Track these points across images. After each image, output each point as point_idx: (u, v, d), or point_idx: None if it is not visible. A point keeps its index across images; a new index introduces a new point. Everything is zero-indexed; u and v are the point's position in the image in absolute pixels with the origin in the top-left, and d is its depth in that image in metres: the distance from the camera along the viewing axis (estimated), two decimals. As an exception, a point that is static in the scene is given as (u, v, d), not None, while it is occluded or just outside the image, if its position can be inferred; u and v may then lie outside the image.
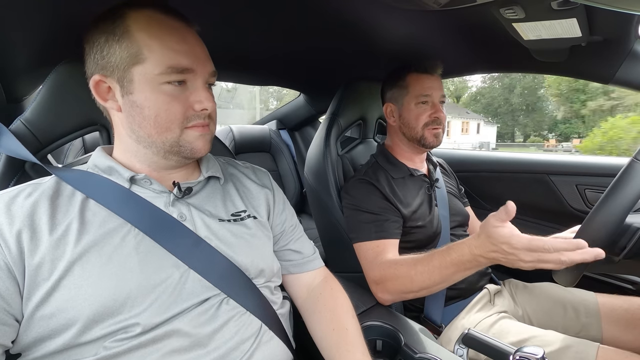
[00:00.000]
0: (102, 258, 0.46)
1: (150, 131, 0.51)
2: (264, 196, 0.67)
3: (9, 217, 0.45)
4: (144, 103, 0.50)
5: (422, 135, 0.98)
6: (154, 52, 0.48)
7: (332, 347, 0.60)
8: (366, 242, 0.89)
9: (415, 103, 0.98)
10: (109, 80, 0.51)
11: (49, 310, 0.43)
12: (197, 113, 0.52)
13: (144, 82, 0.49)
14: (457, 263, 0.71)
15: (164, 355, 0.46)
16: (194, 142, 0.53)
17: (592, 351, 0.70)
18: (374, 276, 0.84)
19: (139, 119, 0.51)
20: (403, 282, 0.78)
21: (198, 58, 0.52)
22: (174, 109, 0.50)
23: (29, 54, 0.82)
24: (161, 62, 0.49)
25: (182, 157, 0.55)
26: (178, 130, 0.52)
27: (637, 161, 0.59)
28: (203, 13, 0.77)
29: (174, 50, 0.49)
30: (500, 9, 0.67)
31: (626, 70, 0.87)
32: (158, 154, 0.54)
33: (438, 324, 0.90)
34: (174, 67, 0.49)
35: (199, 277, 0.52)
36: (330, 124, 1.11)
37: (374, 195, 0.93)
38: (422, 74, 0.99)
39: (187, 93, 0.52)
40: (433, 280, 0.74)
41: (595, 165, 1.21)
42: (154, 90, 0.49)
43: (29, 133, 0.64)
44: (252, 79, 1.63)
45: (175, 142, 0.52)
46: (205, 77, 0.53)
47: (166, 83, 0.49)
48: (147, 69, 0.49)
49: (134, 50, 0.48)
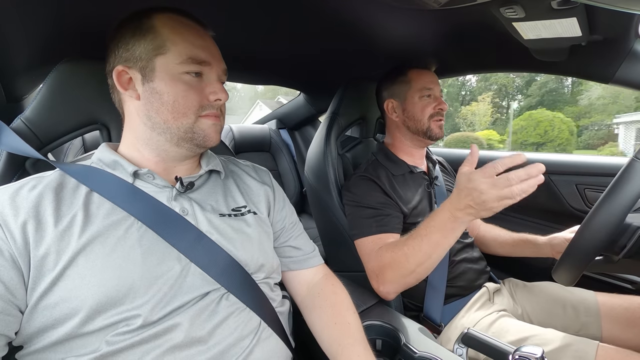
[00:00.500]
0: (105, 249, 0.47)
1: (167, 116, 0.54)
2: (264, 193, 0.68)
3: (14, 208, 0.46)
4: (163, 89, 0.54)
5: (428, 127, 1.00)
6: (176, 45, 0.54)
7: (333, 341, 0.60)
8: (367, 237, 0.89)
9: (419, 96, 1.00)
10: (131, 71, 0.55)
11: (53, 299, 0.44)
12: (211, 103, 0.57)
13: (164, 71, 0.54)
14: (439, 225, 0.74)
15: (164, 352, 0.47)
16: (206, 130, 0.57)
17: (591, 350, 0.70)
18: (372, 267, 0.84)
19: (157, 105, 0.54)
20: (399, 263, 0.79)
21: (213, 54, 0.58)
22: (191, 97, 0.55)
23: (29, 53, 0.82)
24: (182, 53, 0.54)
25: (194, 145, 0.57)
26: (193, 116, 0.55)
27: (637, 160, 0.59)
28: (207, 14, 0.77)
29: (193, 45, 0.55)
30: (500, 8, 0.67)
31: (626, 70, 0.87)
32: (171, 140, 0.56)
33: (437, 323, 0.90)
34: (193, 59, 0.54)
35: (199, 270, 0.52)
36: (330, 123, 1.11)
37: (374, 191, 0.94)
38: (422, 69, 1.03)
39: (203, 85, 0.56)
40: (424, 251, 0.76)
41: (595, 165, 1.21)
42: (174, 79, 0.54)
43: (29, 132, 0.64)
44: (252, 78, 1.64)
45: (189, 128, 0.56)
46: (219, 73, 0.59)
47: (185, 73, 0.54)
48: (169, 59, 0.54)
49: (158, 43, 0.53)
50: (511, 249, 1.06)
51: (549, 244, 0.94)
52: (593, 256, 0.64)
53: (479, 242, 1.14)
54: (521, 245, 1.02)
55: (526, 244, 1.01)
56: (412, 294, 0.89)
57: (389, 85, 1.06)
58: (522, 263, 1.14)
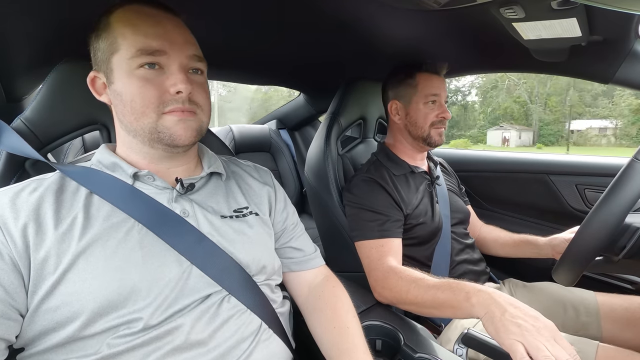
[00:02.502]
0: (106, 252, 0.47)
1: (130, 118, 0.51)
2: (266, 193, 0.68)
3: (14, 211, 0.45)
4: (121, 89, 0.51)
5: (428, 134, 0.99)
6: (127, 39, 0.50)
7: (332, 345, 0.60)
8: (369, 241, 0.88)
9: (424, 102, 0.99)
10: (100, 75, 0.53)
11: (54, 303, 0.43)
12: (174, 97, 0.51)
13: (120, 70, 0.50)
14: (454, 302, 0.66)
15: (164, 354, 0.46)
16: (172, 128, 0.51)
17: (591, 350, 0.70)
18: (376, 276, 0.83)
19: (120, 107, 0.52)
20: (401, 293, 0.76)
21: (172, 41, 0.51)
22: (148, 93, 0.50)
23: (29, 53, 0.82)
24: (131, 46, 0.49)
25: (165, 145, 0.53)
26: (154, 115, 0.51)
27: (637, 161, 0.59)
28: (204, 10, 0.77)
29: (144, 34, 0.50)
30: (500, 8, 0.67)
31: (626, 70, 0.87)
32: (144, 142, 0.54)
33: (438, 323, 0.90)
34: (143, 50, 0.49)
35: (201, 273, 0.52)
36: (330, 123, 1.11)
37: (379, 194, 0.93)
38: (432, 74, 1.01)
39: (163, 77, 0.51)
40: (427, 306, 0.71)
41: (595, 165, 1.21)
42: (129, 76, 0.50)
43: (29, 132, 0.64)
44: (252, 78, 1.63)
45: (153, 128, 0.51)
46: (183, 61, 0.52)
47: (139, 67, 0.50)
48: (122, 56, 0.50)
49: (110, 40, 0.50)
50: (512, 250, 1.06)
51: (550, 245, 0.94)
52: (593, 257, 0.64)
53: (480, 243, 1.14)
54: (522, 246, 1.03)
55: (527, 245, 1.01)
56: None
57: (396, 85, 1.04)
58: (522, 263, 1.14)
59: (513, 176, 1.38)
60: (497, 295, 0.61)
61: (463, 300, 0.64)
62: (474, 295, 0.62)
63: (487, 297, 0.61)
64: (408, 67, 1.03)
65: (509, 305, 0.58)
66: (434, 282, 0.71)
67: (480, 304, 0.61)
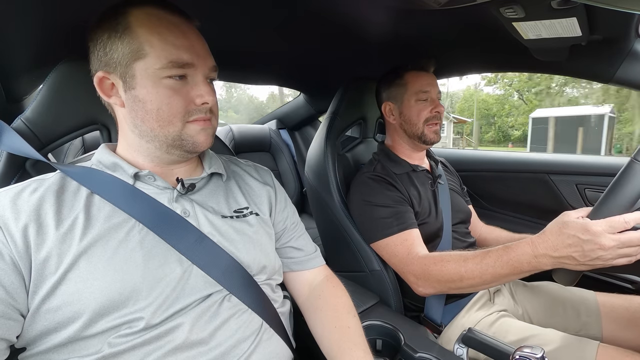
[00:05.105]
0: (107, 252, 0.47)
1: (153, 125, 0.52)
2: (266, 193, 0.68)
3: (15, 211, 0.45)
4: (146, 97, 0.50)
5: (422, 132, 1.00)
6: (155, 48, 0.49)
7: (333, 345, 0.60)
8: (391, 237, 0.87)
9: (415, 100, 1.00)
10: (112, 77, 0.52)
11: (55, 303, 0.44)
12: (198, 107, 0.53)
13: (145, 77, 0.50)
14: (515, 264, 0.67)
15: (165, 354, 0.47)
16: (195, 136, 0.54)
17: (592, 349, 0.70)
18: (414, 270, 0.82)
19: (141, 114, 0.52)
20: (451, 279, 0.75)
21: (198, 53, 0.53)
22: (175, 103, 0.51)
23: (29, 53, 0.82)
24: (162, 57, 0.50)
25: (184, 151, 0.55)
26: (180, 123, 0.52)
27: (636, 161, 0.59)
28: (205, 11, 0.77)
29: (174, 46, 0.50)
30: (500, 8, 0.67)
31: (626, 70, 0.87)
32: (161, 148, 0.54)
33: (438, 323, 0.90)
34: (175, 62, 0.50)
35: (202, 273, 0.52)
36: (330, 123, 1.11)
37: (387, 190, 0.93)
38: (419, 71, 1.02)
39: (188, 87, 0.52)
40: (484, 279, 0.71)
41: (595, 165, 1.21)
42: (156, 85, 0.50)
43: (29, 132, 0.64)
44: (252, 78, 1.63)
45: (177, 136, 0.53)
46: (206, 72, 0.54)
47: (167, 77, 0.50)
48: (149, 64, 0.50)
49: (135, 46, 0.49)
50: None
51: None
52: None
53: (481, 243, 1.14)
54: None
55: None
56: (412, 294, 0.88)
57: (387, 87, 1.05)
58: (522, 263, 1.14)
59: (513, 176, 1.38)
60: (562, 244, 0.61)
61: (527, 265, 0.66)
62: (542, 258, 0.64)
63: (558, 238, 0.62)
64: (395, 67, 1.04)
65: (577, 231, 0.59)
66: (486, 258, 0.72)
67: (554, 262, 0.62)
